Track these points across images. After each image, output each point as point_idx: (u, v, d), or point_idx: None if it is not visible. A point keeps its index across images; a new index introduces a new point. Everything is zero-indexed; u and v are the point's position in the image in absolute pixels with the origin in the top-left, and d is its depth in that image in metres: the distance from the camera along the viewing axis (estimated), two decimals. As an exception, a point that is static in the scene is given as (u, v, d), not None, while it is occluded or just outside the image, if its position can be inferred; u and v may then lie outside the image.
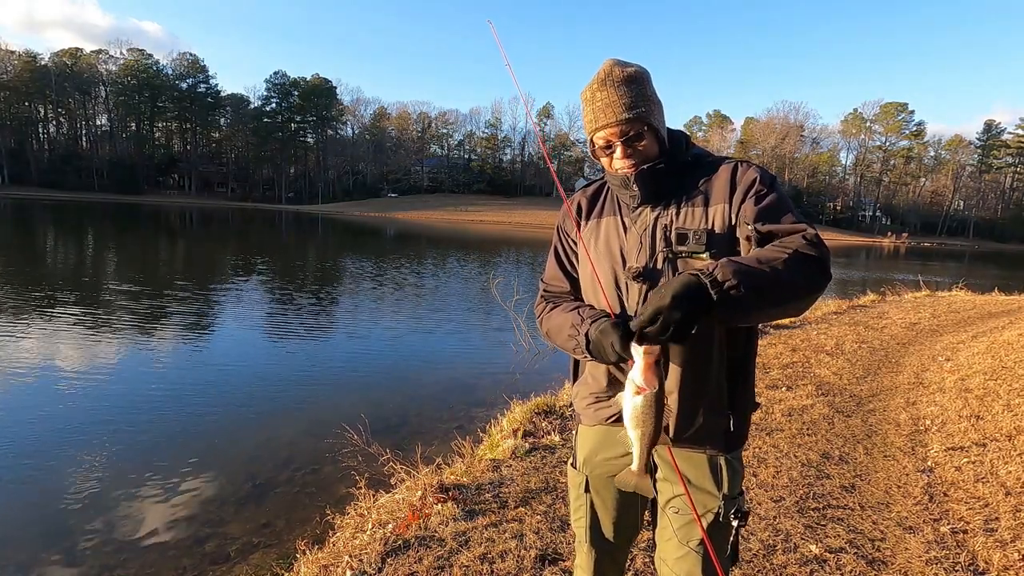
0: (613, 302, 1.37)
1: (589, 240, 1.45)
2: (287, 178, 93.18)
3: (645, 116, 1.29)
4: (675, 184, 1.36)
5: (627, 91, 1.28)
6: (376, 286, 14.82)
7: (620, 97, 1.27)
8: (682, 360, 1.31)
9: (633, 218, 1.38)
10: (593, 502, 1.52)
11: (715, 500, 1.36)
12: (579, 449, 1.56)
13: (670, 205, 1.34)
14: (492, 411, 5.14)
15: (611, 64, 1.31)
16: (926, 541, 2.81)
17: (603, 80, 1.29)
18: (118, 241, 25.18)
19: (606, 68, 1.31)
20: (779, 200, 1.26)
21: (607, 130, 1.31)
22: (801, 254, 1.12)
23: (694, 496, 1.35)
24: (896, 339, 8.00)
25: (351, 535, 2.93)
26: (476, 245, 33.28)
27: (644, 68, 1.34)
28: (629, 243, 1.37)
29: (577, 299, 1.50)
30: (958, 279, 17.84)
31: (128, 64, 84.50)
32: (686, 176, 1.36)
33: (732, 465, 1.38)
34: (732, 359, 1.35)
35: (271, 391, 6.37)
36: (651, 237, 1.34)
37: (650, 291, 1.29)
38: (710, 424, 1.34)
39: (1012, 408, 4.57)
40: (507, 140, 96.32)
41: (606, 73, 1.30)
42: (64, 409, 5.51)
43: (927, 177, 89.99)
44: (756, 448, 3.89)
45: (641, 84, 1.30)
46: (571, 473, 1.59)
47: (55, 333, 8.17)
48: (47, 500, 3.93)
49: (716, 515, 1.35)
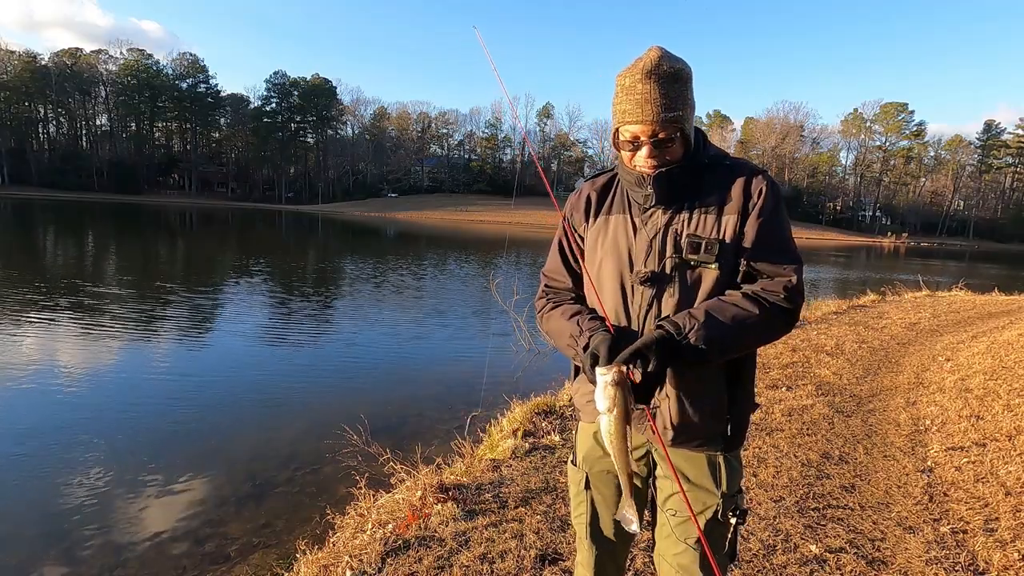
0: (617, 303, 1.36)
1: (596, 237, 1.42)
2: (287, 178, 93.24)
3: (681, 120, 1.24)
4: (690, 187, 1.32)
5: (670, 90, 1.21)
6: (376, 287, 14.81)
7: (662, 96, 1.20)
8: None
9: (644, 219, 1.35)
10: (593, 499, 1.52)
11: (714, 498, 1.36)
12: (579, 446, 1.56)
13: (683, 209, 1.31)
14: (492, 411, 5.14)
15: (658, 55, 1.22)
16: (926, 541, 2.81)
17: (648, 72, 1.20)
18: (118, 241, 25.19)
19: (653, 58, 1.21)
20: (779, 229, 1.31)
21: (639, 126, 1.24)
22: (777, 308, 1.25)
23: (693, 494, 1.35)
24: (896, 339, 8.00)
25: (351, 535, 2.93)
26: (476, 245, 33.26)
27: (690, 67, 1.27)
28: (638, 245, 1.34)
29: (579, 297, 1.50)
30: (958, 279, 17.84)
31: (128, 64, 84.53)
32: (701, 179, 1.32)
33: (731, 464, 1.38)
34: (732, 362, 1.35)
35: (271, 391, 6.37)
36: (662, 241, 1.31)
37: (656, 296, 1.31)
38: (709, 427, 1.34)
39: (1012, 408, 4.57)
40: (507, 140, 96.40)
41: (654, 64, 1.20)
42: (64, 409, 5.51)
43: (927, 177, 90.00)
44: (756, 448, 3.89)
45: (685, 85, 1.24)
46: (571, 470, 1.60)
47: (55, 333, 8.17)
48: (47, 500, 3.93)
49: (715, 513, 1.36)
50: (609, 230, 1.40)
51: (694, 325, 1.20)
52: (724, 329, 1.21)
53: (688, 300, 1.30)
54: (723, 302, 1.25)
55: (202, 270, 17.52)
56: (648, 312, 1.32)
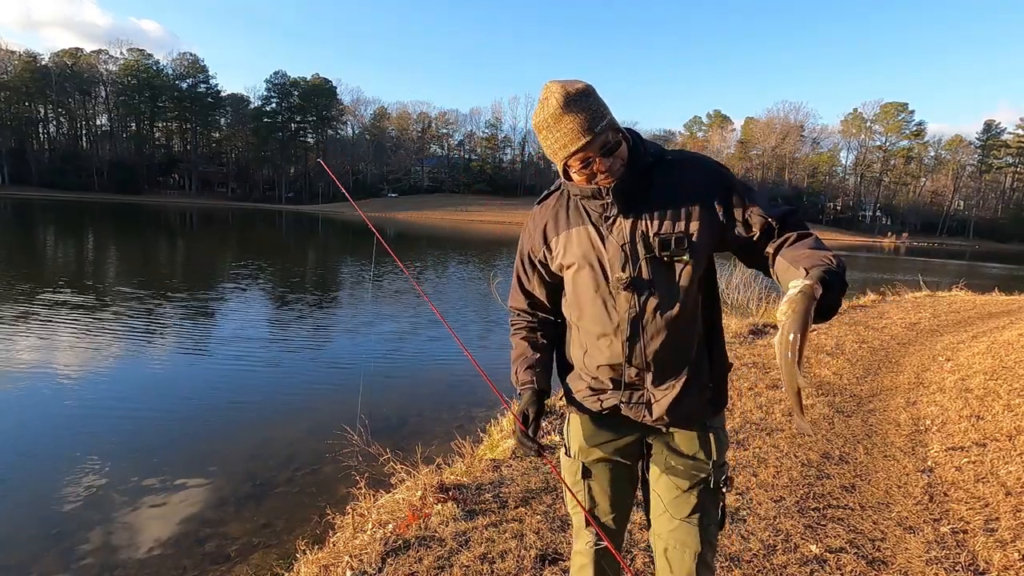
0: (599, 311, 1.41)
1: (564, 252, 1.45)
2: (287, 178, 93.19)
3: (614, 122, 1.29)
4: (644, 189, 1.35)
5: (589, 105, 1.26)
6: (376, 287, 14.81)
7: (588, 113, 1.25)
8: (665, 344, 1.38)
9: (608, 227, 1.38)
10: (591, 487, 1.58)
11: (706, 467, 1.46)
12: (572, 438, 1.61)
13: (643, 211, 1.35)
14: (492, 411, 5.14)
15: (560, 86, 1.26)
16: (926, 541, 2.81)
17: (565, 103, 1.24)
18: (118, 241, 25.18)
19: (560, 92, 1.25)
20: (751, 191, 1.39)
21: (586, 150, 1.27)
22: (814, 235, 1.31)
23: (686, 466, 1.46)
24: (896, 339, 8.00)
25: (351, 535, 2.93)
26: (476, 245, 33.28)
27: (585, 81, 1.32)
28: (610, 252, 1.37)
29: (535, 314, 1.61)
30: (958, 279, 17.84)
31: (128, 64, 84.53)
32: (651, 178, 1.36)
33: (719, 435, 1.49)
34: (708, 322, 1.45)
35: (271, 391, 6.37)
36: (632, 246, 1.35)
37: (639, 298, 1.36)
38: (696, 400, 1.43)
39: (1012, 408, 4.57)
40: (507, 140, 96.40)
41: (565, 95, 1.25)
42: (64, 410, 5.51)
43: (927, 177, 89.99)
44: (756, 448, 3.88)
45: (594, 96, 1.29)
46: (566, 462, 1.65)
47: (55, 334, 8.17)
48: (47, 500, 3.92)
49: (706, 482, 1.45)
50: (574, 243, 1.43)
51: (837, 260, 1.17)
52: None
53: (669, 296, 1.36)
54: (809, 248, 1.26)
55: (202, 270, 17.52)
56: (632, 315, 1.37)
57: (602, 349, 1.43)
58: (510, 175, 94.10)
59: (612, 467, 1.56)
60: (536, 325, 1.61)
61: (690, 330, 1.41)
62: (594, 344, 1.45)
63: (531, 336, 1.60)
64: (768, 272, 1.36)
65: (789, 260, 1.25)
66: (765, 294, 10.14)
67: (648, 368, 1.40)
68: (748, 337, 7.57)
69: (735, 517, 2.95)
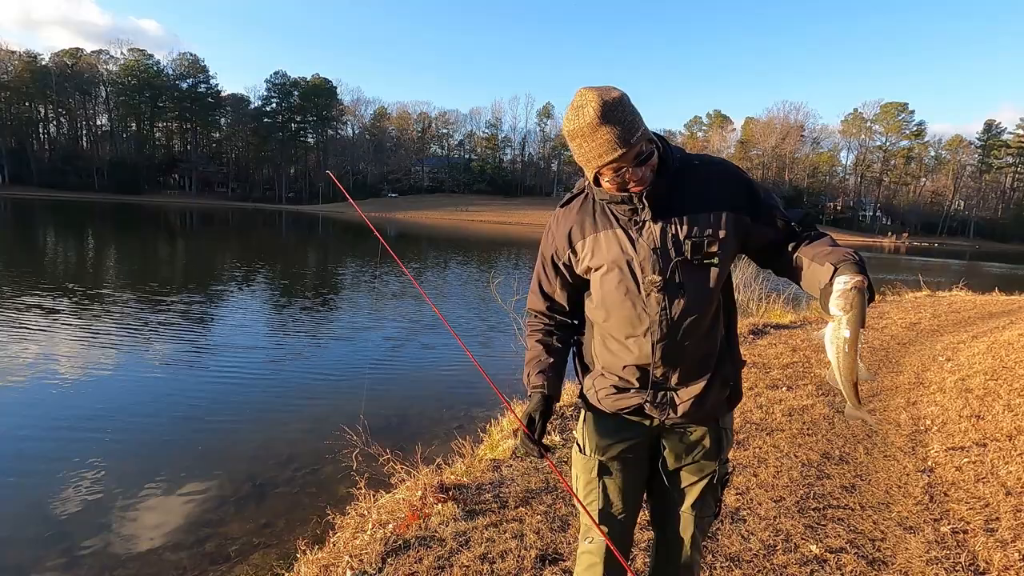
0: (628, 313, 1.43)
1: (591, 255, 1.46)
2: (287, 178, 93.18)
3: (648, 132, 1.30)
4: (674, 192, 1.38)
5: (625, 116, 1.25)
6: (376, 287, 14.81)
7: (625, 124, 1.24)
8: (693, 345, 1.42)
9: (637, 230, 1.39)
10: (606, 484, 1.60)
11: (713, 464, 1.54)
12: (589, 436, 1.61)
13: (672, 215, 1.38)
14: (492, 411, 5.14)
15: (597, 95, 1.24)
16: (926, 541, 2.81)
17: (602, 114, 1.23)
18: (118, 241, 25.19)
19: (597, 100, 1.23)
20: (772, 196, 1.46)
21: (621, 161, 1.27)
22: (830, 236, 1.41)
23: (695, 462, 1.54)
24: (896, 339, 8.00)
25: (351, 535, 2.93)
26: (476, 245, 33.28)
27: (618, 88, 1.31)
28: (640, 255, 1.39)
29: (553, 316, 1.62)
30: (958, 279, 17.83)
31: (128, 64, 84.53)
32: (680, 182, 1.38)
33: (728, 434, 1.57)
34: (726, 322, 1.51)
35: (271, 391, 6.37)
36: (664, 249, 1.37)
37: (670, 300, 1.39)
38: (717, 397, 1.49)
39: (1012, 408, 4.57)
40: (507, 140, 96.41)
41: (603, 105, 1.23)
42: (64, 410, 5.51)
43: (927, 177, 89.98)
44: (756, 448, 3.88)
45: (630, 104, 1.29)
46: (579, 459, 1.65)
47: (55, 334, 8.17)
48: (47, 501, 3.92)
49: (711, 478, 1.55)
50: (602, 247, 1.44)
51: (859, 256, 1.27)
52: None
53: (698, 298, 1.39)
54: (828, 245, 1.35)
55: (202, 270, 17.52)
56: (662, 316, 1.40)
57: (631, 349, 1.45)
58: (510, 175, 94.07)
59: (626, 465, 1.59)
60: (552, 328, 1.63)
61: (715, 330, 1.46)
62: (621, 345, 1.47)
63: (547, 339, 1.61)
64: (784, 271, 1.45)
65: (811, 257, 1.34)
66: (765, 294, 10.14)
67: (675, 368, 1.44)
68: (748, 337, 7.57)
69: (735, 517, 2.95)
